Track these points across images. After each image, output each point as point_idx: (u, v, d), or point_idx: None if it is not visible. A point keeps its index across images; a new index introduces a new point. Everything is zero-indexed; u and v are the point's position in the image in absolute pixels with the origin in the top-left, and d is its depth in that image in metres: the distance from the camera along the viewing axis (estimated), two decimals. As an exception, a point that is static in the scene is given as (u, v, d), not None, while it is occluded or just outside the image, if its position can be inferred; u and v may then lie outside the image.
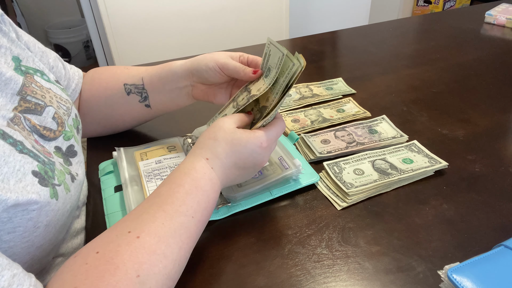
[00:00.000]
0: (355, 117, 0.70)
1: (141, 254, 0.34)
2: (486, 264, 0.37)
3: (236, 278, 0.42)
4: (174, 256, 0.36)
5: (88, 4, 1.47)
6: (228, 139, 0.44)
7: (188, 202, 0.39)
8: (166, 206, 0.38)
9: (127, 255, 0.33)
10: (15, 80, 0.42)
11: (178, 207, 0.39)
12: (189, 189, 0.40)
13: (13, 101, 0.41)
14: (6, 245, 0.36)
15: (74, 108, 0.51)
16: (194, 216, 0.39)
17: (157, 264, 0.34)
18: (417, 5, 2.74)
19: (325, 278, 0.42)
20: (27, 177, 0.36)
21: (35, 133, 0.42)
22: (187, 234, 0.38)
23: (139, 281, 0.32)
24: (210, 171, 0.43)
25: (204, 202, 0.41)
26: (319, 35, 1.11)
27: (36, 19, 2.73)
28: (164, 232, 0.36)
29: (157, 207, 0.38)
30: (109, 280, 0.31)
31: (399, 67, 0.89)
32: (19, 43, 0.48)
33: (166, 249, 0.35)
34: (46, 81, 0.48)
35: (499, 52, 0.95)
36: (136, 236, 0.35)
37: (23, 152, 0.37)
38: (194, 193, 0.40)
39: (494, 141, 0.62)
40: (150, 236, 0.35)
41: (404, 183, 0.54)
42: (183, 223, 0.38)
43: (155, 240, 0.35)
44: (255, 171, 0.48)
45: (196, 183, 0.41)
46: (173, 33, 1.48)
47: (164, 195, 0.40)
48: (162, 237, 0.36)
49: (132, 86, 0.61)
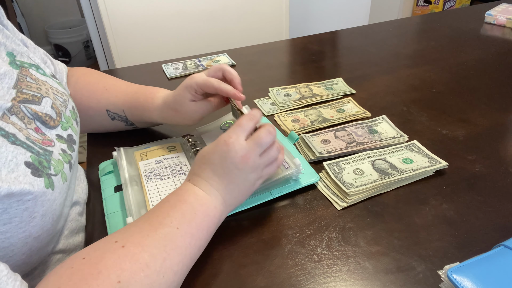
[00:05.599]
0: (355, 117, 0.70)
1: (123, 261, 0.35)
2: (486, 264, 0.37)
3: (236, 278, 0.42)
4: (157, 267, 0.36)
5: (88, 4, 1.47)
6: (200, 155, 0.46)
7: (172, 214, 0.40)
8: (152, 219, 0.40)
9: (111, 261, 0.34)
10: (10, 75, 0.42)
11: (162, 219, 0.39)
12: (173, 203, 0.42)
13: (10, 93, 0.41)
14: (3, 236, 0.36)
15: (71, 100, 0.51)
16: (179, 228, 0.39)
17: (139, 272, 0.35)
18: (417, 5, 2.74)
19: (325, 278, 0.42)
20: (19, 168, 0.36)
21: (37, 120, 0.42)
22: (172, 246, 0.38)
23: (120, 286, 0.33)
24: (193, 187, 0.44)
25: (189, 214, 0.41)
26: (319, 35, 1.11)
27: (36, 19, 2.73)
28: (148, 243, 0.37)
29: (144, 221, 0.40)
30: (91, 283, 0.32)
31: (399, 67, 0.89)
32: (14, 38, 0.48)
33: (149, 259, 0.36)
34: (41, 75, 0.48)
35: (499, 52, 0.95)
36: (121, 246, 0.36)
37: (15, 143, 0.37)
38: (178, 206, 0.41)
39: (494, 141, 0.62)
40: (134, 246, 0.36)
41: (404, 183, 0.54)
42: (167, 234, 0.38)
43: (138, 250, 0.36)
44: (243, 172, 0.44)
45: (180, 197, 0.42)
46: (173, 33, 1.48)
47: (152, 210, 0.42)
48: (145, 247, 0.36)
49: (115, 114, 0.62)
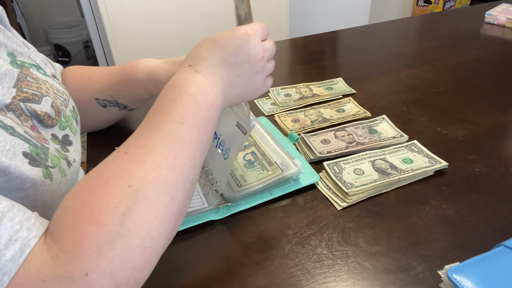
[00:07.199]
0: (355, 117, 0.70)
1: (130, 166, 0.32)
2: (486, 264, 0.37)
3: (236, 278, 0.42)
4: (169, 164, 0.34)
5: (88, 4, 1.47)
6: (210, 38, 0.42)
7: (173, 110, 0.37)
8: (152, 121, 0.37)
9: (116, 169, 0.32)
10: (11, 75, 0.42)
11: (163, 117, 0.36)
12: (173, 97, 0.38)
13: (10, 92, 0.41)
14: None
15: (71, 100, 0.51)
16: (184, 122, 0.36)
17: (150, 173, 0.32)
18: (417, 5, 2.74)
19: (325, 278, 0.42)
20: (17, 157, 0.36)
21: (34, 118, 0.42)
22: (181, 142, 0.35)
23: (133, 191, 0.31)
24: (194, 75, 0.40)
25: (192, 107, 0.37)
26: (319, 35, 1.11)
27: (36, 19, 2.73)
28: (152, 143, 0.34)
29: (143, 125, 0.37)
30: (100, 193, 0.30)
31: (399, 67, 0.89)
32: (16, 39, 0.48)
33: (158, 157, 0.33)
34: (42, 74, 0.48)
35: (499, 52, 0.95)
36: (124, 153, 0.34)
37: (13, 135, 0.37)
38: (179, 100, 0.38)
39: (494, 141, 0.62)
40: (137, 149, 0.34)
41: (404, 183, 0.54)
42: (172, 131, 0.35)
43: (143, 152, 0.34)
44: (253, 68, 0.43)
45: (180, 89, 0.39)
46: (173, 33, 1.48)
47: (150, 112, 0.38)
48: (151, 148, 0.34)
49: (105, 101, 0.62)
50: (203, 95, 0.39)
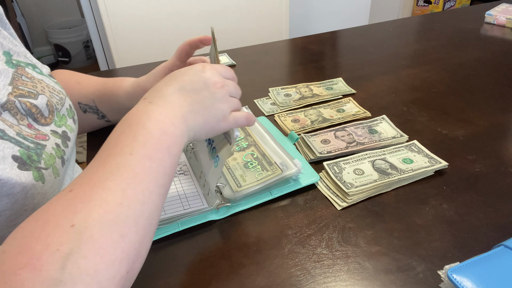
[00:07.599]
0: (355, 117, 0.70)
1: (74, 204, 0.30)
2: (486, 264, 0.37)
3: (236, 278, 0.42)
4: (117, 199, 0.31)
5: (88, 4, 1.47)
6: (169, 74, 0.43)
7: (121, 141, 0.35)
8: (99, 156, 0.34)
9: (58, 208, 0.29)
10: (5, 74, 0.42)
11: (111, 149, 0.34)
12: (122, 130, 0.36)
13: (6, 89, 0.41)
14: None
15: (68, 99, 0.51)
16: (132, 153, 0.34)
17: (96, 210, 0.29)
18: (417, 5, 2.74)
19: (325, 278, 0.42)
20: (6, 161, 0.36)
21: (29, 116, 0.42)
22: (130, 174, 0.33)
23: (75, 231, 0.28)
24: (146, 106, 0.38)
25: (142, 136, 0.35)
26: (319, 35, 1.11)
27: (36, 19, 2.73)
28: (99, 177, 0.32)
29: (92, 161, 0.35)
30: (39, 235, 0.27)
31: (399, 67, 0.89)
32: (12, 39, 0.48)
33: (104, 193, 0.31)
34: (37, 73, 0.48)
35: (499, 52, 0.95)
36: (68, 191, 0.31)
37: (3, 138, 0.37)
38: (127, 131, 0.36)
39: (494, 141, 0.62)
40: (82, 186, 0.31)
41: (404, 183, 0.54)
42: (119, 163, 0.33)
43: (89, 188, 0.31)
44: (213, 95, 0.42)
45: (129, 121, 0.37)
46: (173, 33, 1.48)
47: (101, 148, 0.36)
48: (96, 183, 0.31)
49: (86, 106, 0.63)
50: (154, 123, 0.37)
